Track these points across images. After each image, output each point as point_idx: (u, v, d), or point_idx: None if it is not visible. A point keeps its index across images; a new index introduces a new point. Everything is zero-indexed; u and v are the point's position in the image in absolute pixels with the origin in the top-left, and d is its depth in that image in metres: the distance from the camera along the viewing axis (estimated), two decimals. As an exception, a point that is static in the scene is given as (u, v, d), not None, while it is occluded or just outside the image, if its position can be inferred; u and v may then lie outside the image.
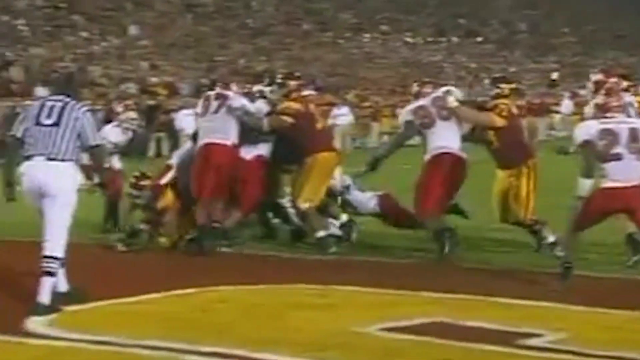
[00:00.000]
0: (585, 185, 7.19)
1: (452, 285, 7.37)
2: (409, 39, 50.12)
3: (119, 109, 12.06)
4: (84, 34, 37.07)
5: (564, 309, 6.62)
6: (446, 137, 8.70)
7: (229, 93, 9.58)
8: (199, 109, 9.57)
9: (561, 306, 6.68)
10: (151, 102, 26.00)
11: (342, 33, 48.61)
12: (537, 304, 6.75)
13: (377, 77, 42.17)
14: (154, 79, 32.72)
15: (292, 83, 9.42)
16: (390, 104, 34.55)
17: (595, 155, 7.20)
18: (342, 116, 25.42)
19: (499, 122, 8.66)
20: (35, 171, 6.51)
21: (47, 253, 6.48)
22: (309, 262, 8.76)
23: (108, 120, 15.79)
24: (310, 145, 9.12)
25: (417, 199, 8.74)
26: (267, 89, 9.82)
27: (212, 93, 9.58)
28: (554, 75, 43.83)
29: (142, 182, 9.90)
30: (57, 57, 32.87)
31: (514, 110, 8.83)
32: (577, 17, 55.15)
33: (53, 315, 6.36)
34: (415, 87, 9.36)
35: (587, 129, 7.37)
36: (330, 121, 10.70)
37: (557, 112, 31.75)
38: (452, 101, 8.73)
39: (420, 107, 8.94)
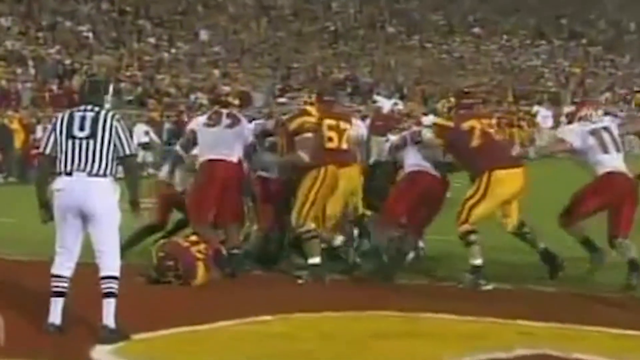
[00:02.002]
0: None
1: (551, 313, 7.31)
2: (504, 42, 49.77)
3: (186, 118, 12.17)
4: (152, 40, 37.68)
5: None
6: (418, 157, 9.33)
7: (242, 118, 9.79)
8: (205, 119, 9.66)
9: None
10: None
11: (431, 36, 48.51)
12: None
13: (469, 85, 41.91)
14: (226, 88, 33.01)
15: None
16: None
17: None
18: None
19: (437, 142, 9.19)
20: (76, 188, 6.63)
21: (105, 274, 6.63)
22: (394, 288, 8.74)
23: (177, 133, 15.91)
24: (317, 156, 9.16)
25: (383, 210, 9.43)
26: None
27: (224, 111, 9.61)
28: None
29: (168, 262, 8.90)
30: (123, 65, 33.44)
31: (448, 125, 9.14)
32: (694, 15, 54.12)
33: (119, 344, 6.47)
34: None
35: None
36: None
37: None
38: (425, 134, 9.26)
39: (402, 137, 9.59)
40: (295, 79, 36.92)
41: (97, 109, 6.80)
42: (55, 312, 6.74)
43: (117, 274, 6.66)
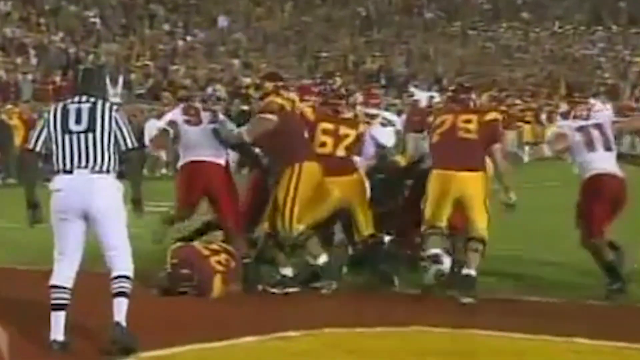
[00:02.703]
0: None
1: (608, 330, 7.28)
2: (557, 29, 49.61)
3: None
4: (165, 27, 37.86)
5: None
6: None
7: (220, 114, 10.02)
8: (183, 115, 9.77)
9: None
10: (244, 107, 26.30)
11: (474, 22, 48.42)
12: None
13: (516, 76, 41.82)
14: (247, 80, 33.14)
15: (269, 84, 9.59)
16: (533, 107, 34.23)
17: None
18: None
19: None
20: (78, 187, 6.67)
21: (118, 273, 6.69)
22: (436, 301, 8.72)
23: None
24: (294, 151, 9.18)
25: None
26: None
27: (199, 105, 9.90)
28: None
29: (184, 270, 8.88)
30: (134, 55, 33.58)
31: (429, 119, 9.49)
32: None
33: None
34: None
35: None
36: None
37: None
38: None
39: None
40: (324, 70, 36.96)
41: (92, 99, 6.84)
42: (58, 328, 6.75)
43: (130, 273, 6.71)
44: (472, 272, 8.66)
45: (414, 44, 44.31)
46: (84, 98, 6.86)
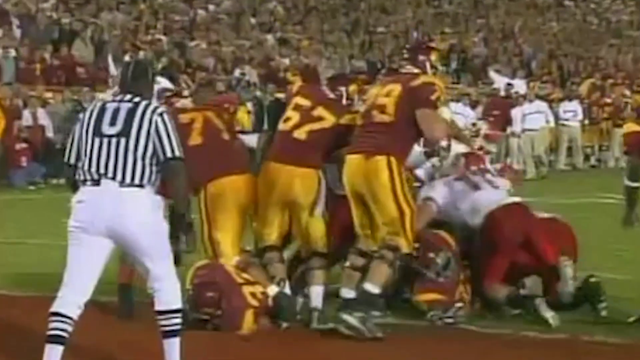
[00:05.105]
0: None
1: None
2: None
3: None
4: (182, -7, 38.03)
5: None
6: None
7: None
8: None
9: None
10: (279, 96, 26.39)
11: (572, -9, 48.29)
12: None
13: (626, 59, 41.62)
14: (283, 61, 33.23)
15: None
16: (646, 100, 34.08)
17: None
18: (536, 114, 25.18)
19: None
20: (104, 201, 6.83)
21: (165, 307, 6.91)
22: (506, 340, 8.83)
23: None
24: (195, 171, 8.96)
25: None
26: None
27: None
28: None
29: (209, 293, 8.93)
30: (143, 27, 33.73)
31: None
32: None
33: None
34: None
35: None
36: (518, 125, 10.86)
37: None
38: None
39: None
40: (380, 49, 37.01)
41: (137, 99, 7.01)
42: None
43: (178, 306, 6.92)
44: (369, 287, 8.66)
45: (494, 18, 44.27)
46: (127, 97, 7.05)
